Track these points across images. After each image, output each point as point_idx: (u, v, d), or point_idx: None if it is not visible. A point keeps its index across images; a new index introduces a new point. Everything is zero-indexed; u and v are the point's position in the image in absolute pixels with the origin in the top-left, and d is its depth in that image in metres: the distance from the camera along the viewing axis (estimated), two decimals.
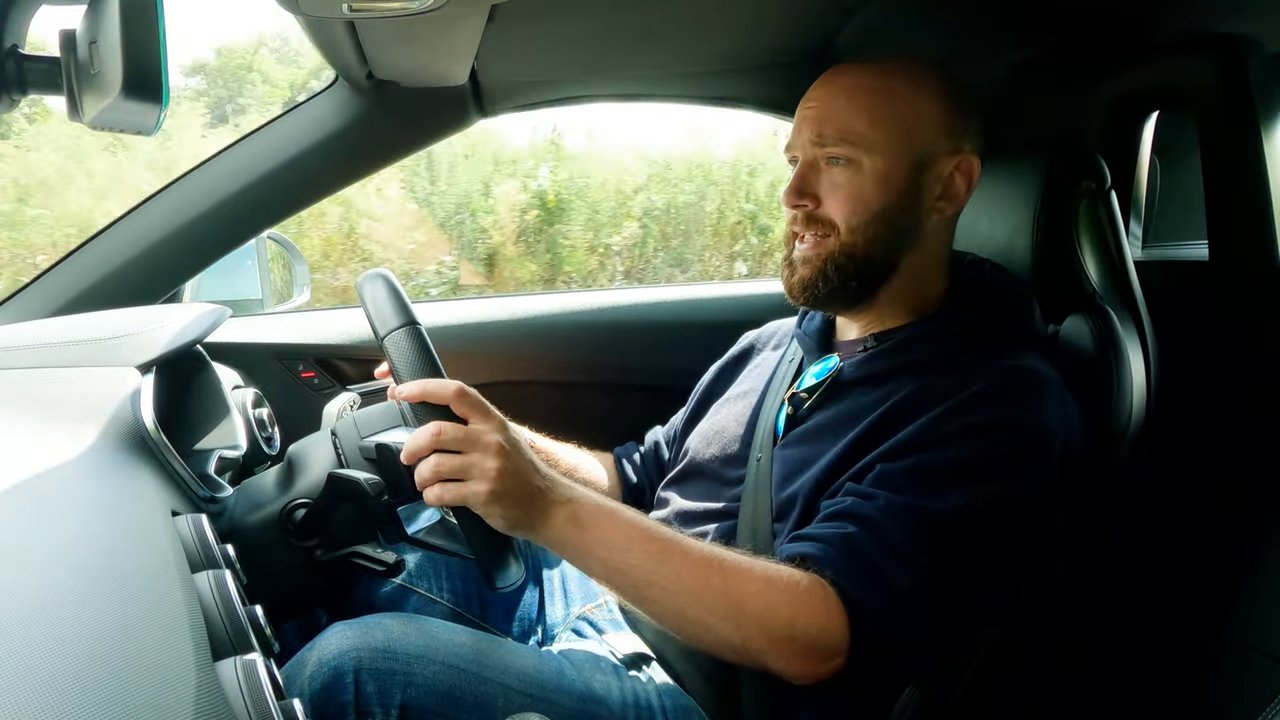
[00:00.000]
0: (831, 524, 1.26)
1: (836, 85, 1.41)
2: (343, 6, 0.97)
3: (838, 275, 1.40)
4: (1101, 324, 1.50)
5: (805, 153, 1.41)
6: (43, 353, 1.37)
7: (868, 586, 1.19)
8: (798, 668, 1.18)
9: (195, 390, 1.58)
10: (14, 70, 0.83)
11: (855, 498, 1.27)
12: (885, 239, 1.39)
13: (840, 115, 1.37)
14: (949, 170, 1.41)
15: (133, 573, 0.84)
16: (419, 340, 1.28)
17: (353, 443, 1.45)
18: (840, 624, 1.17)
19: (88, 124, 0.81)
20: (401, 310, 1.28)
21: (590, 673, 1.38)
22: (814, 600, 1.18)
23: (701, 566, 1.20)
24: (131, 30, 0.72)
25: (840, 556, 1.21)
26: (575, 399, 2.20)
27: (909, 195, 1.39)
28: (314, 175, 1.97)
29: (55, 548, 0.82)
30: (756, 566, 1.21)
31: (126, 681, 0.66)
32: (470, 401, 1.18)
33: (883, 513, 1.22)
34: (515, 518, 1.18)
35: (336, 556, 1.45)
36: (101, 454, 1.14)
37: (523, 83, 2.06)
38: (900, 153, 1.37)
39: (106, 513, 0.98)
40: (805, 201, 1.40)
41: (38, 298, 1.93)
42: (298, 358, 2.23)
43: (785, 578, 1.19)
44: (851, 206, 1.37)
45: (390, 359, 1.31)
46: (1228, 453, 1.63)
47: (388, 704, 1.21)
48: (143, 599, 0.80)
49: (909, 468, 1.27)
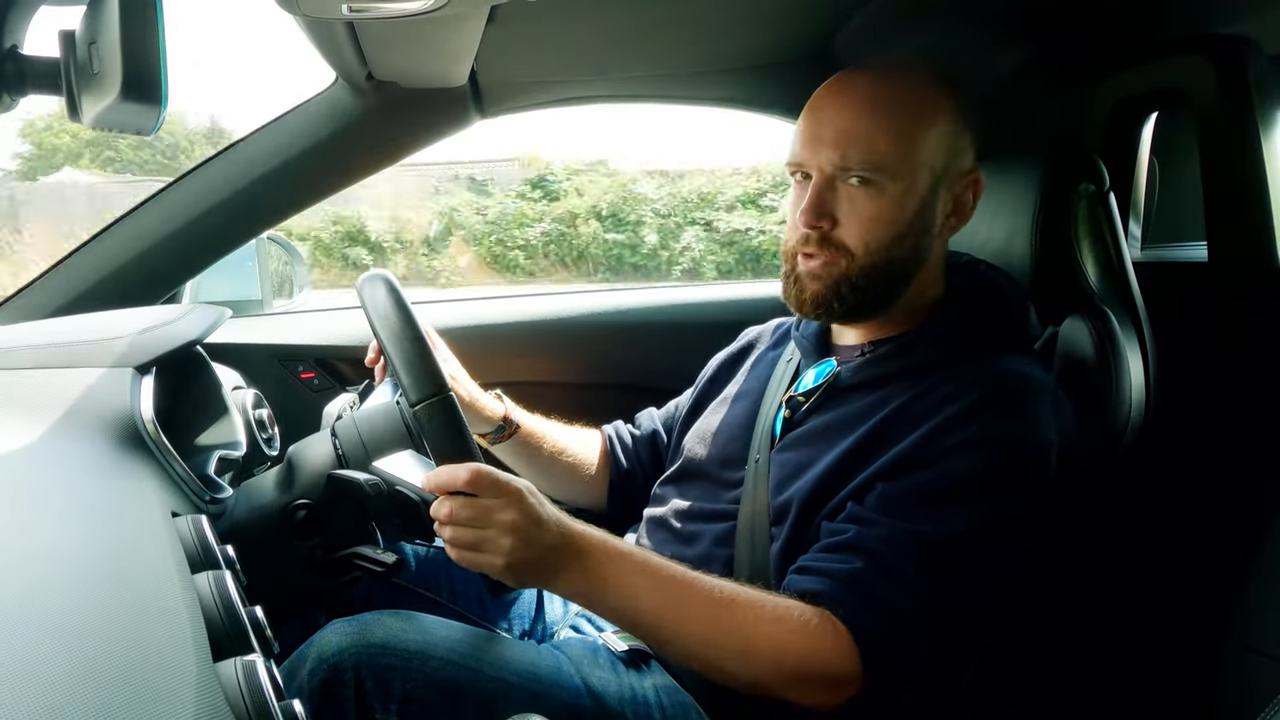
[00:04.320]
0: (837, 557, 1.27)
1: (856, 100, 1.37)
2: (342, 7, 0.97)
3: (853, 295, 1.39)
4: (1100, 325, 1.51)
5: (824, 170, 1.36)
6: (42, 353, 1.37)
7: (877, 621, 1.20)
8: (812, 700, 1.21)
9: (195, 391, 1.58)
10: (13, 70, 0.83)
11: (858, 526, 1.28)
12: (901, 259, 1.39)
13: (864, 136, 1.33)
14: (961, 189, 1.41)
15: (133, 573, 0.84)
16: (446, 414, 1.30)
17: (355, 445, 1.45)
18: (852, 658, 1.19)
19: (87, 124, 0.81)
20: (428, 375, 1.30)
21: (589, 669, 1.38)
22: (825, 638, 1.19)
23: (711, 608, 1.22)
24: (131, 31, 0.72)
25: (848, 594, 1.22)
26: (579, 398, 2.20)
27: (925, 216, 1.38)
28: (313, 176, 1.97)
29: (54, 548, 0.82)
30: (767, 605, 1.23)
31: (127, 682, 0.66)
32: (486, 482, 1.18)
33: (886, 543, 1.24)
34: (527, 581, 1.24)
35: (337, 557, 1.45)
36: (101, 455, 1.14)
37: (523, 84, 2.06)
38: (921, 175, 1.36)
39: (106, 514, 0.98)
40: (823, 224, 1.37)
41: (37, 298, 1.93)
42: (297, 358, 2.24)
43: (795, 617, 1.21)
44: (872, 230, 1.35)
45: (413, 430, 1.39)
46: (1226, 454, 1.62)
47: (388, 700, 1.22)
48: (143, 600, 0.80)
49: (909, 489, 1.28)
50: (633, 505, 1.77)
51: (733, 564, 1.43)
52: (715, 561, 1.43)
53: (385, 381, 1.61)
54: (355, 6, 0.97)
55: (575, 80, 2.10)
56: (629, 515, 1.74)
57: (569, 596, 1.27)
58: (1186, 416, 1.62)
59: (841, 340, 1.54)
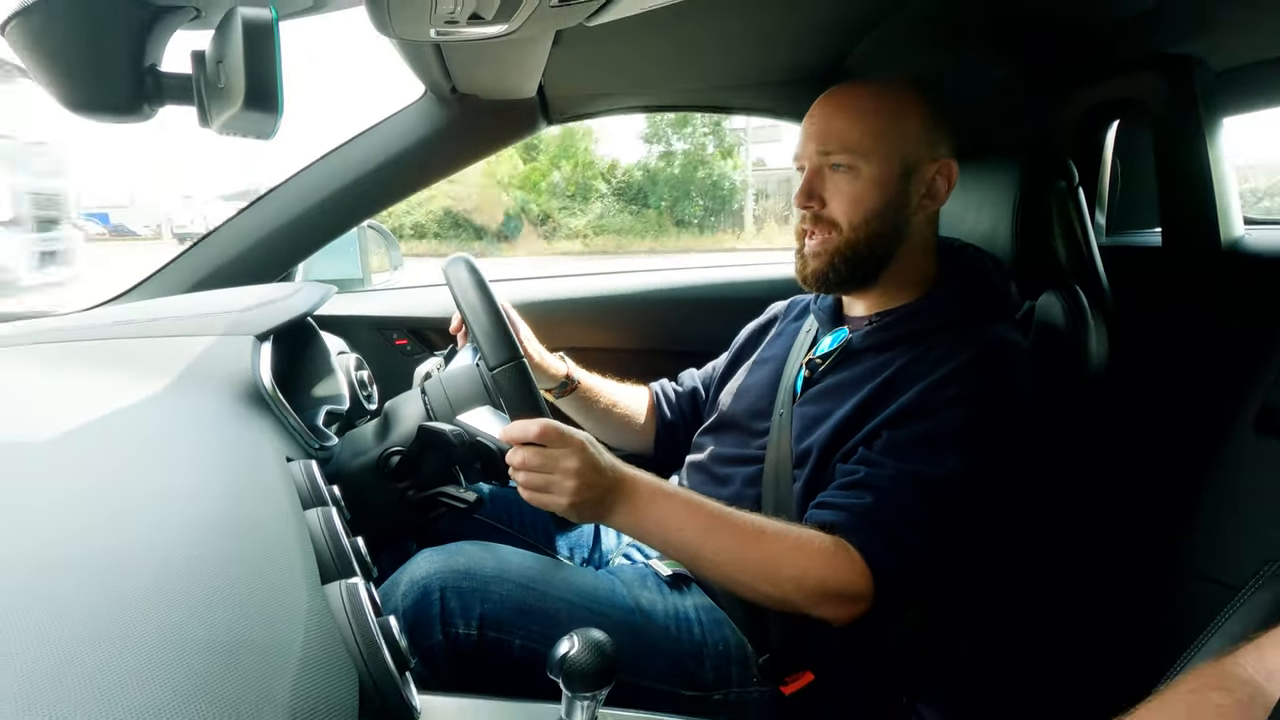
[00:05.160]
0: (850, 493, 1.29)
1: (836, 103, 1.43)
2: (430, 31, 0.97)
3: (845, 266, 1.43)
4: (1071, 299, 1.55)
5: (812, 161, 1.43)
6: (179, 324, 1.39)
7: (885, 547, 1.23)
8: (830, 614, 1.23)
9: (306, 355, 1.60)
10: (153, 85, 0.83)
11: (868, 467, 1.30)
12: (881, 233, 1.42)
13: (841, 129, 1.40)
14: (931, 174, 1.43)
15: (253, 509, 0.85)
16: (519, 377, 1.33)
17: (441, 401, 1.46)
18: (864, 578, 1.21)
19: (215, 131, 0.81)
20: (504, 343, 1.33)
21: (638, 590, 1.41)
22: (840, 561, 1.22)
23: (742, 538, 1.25)
24: (252, 50, 0.72)
25: (860, 524, 1.25)
26: (630, 361, 2.21)
27: (900, 196, 1.41)
28: (405, 174, 1.97)
29: (185, 493, 0.83)
30: (790, 534, 1.25)
31: (248, 603, 0.67)
32: (553, 434, 1.21)
33: (892, 481, 1.26)
34: (586, 517, 1.26)
35: (425, 496, 1.47)
36: (227, 409, 1.16)
37: (582, 95, 2.06)
38: (892, 161, 1.39)
39: (232, 458, 0.99)
40: (813, 203, 1.43)
41: (173, 276, 1.95)
42: (392, 328, 2.25)
43: (815, 544, 1.24)
44: (853, 207, 1.40)
45: (491, 390, 1.43)
46: (1176, 407, 1.66)
47: (469, 617, 1.25)
48: (262, 532, 0.81)
49: (911, 435, 1.30)
50: (676, 451, 1.78)
51: (760, 501, 1.44)
52: (745, 499, 1.44)
53: (466, 347, 1.62)
54: (441, 30, 0.96)
55: (627, 92, 2.09)
56: (673, 460, 1.74)
57: (622, 529, 1.28)
58: (1143, 373, 1.67)
59: (853, 312, 1.55)
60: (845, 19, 1.68)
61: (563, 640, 0.91)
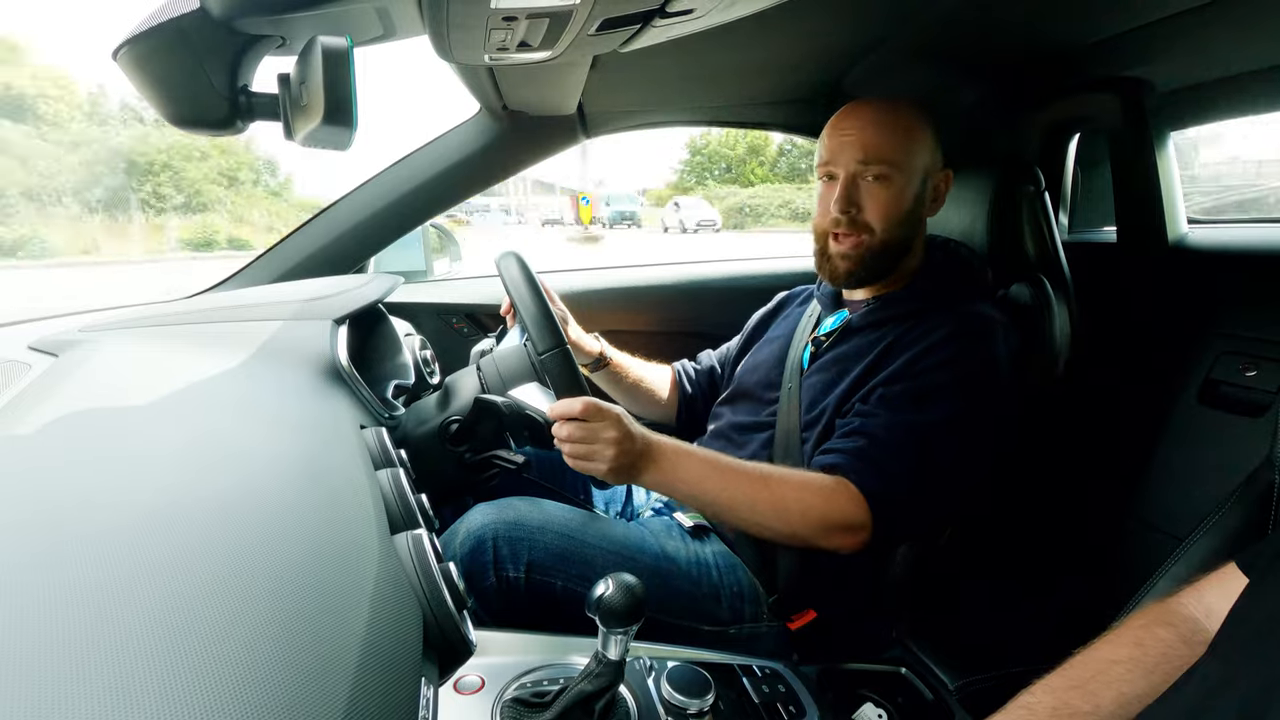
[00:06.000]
0: (848, 440, 1.30)
1: (869, 118, 1.40)
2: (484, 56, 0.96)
3: (875, 264, 1.44)
4: (1038, 288, 1.57)
5: (848, 169, 1.40)
6: (267, 309, 1.39)
7: (880, 482, 1.24)
8: (835, 544, 1.23)
9: (377, 336, 1.60)
10: (245, 103, 0.83)
11: (863, 418, 1.31)
12: (904, 234, 1.42)
13: (878, 143, 1.38)
14: (937, 181, 1.44)
15: (331, 470, 0.85)
16: (564, 361, 1.33)
17: (494, 376, 1.46)
18: (863, 510, 1.22)
19: (298, 143, 0.81)
20: (551, 330, 1.33)
21: (664, 540, 1.43)
22: (840, 496, 1.23)
23: (753, 483, 1.25)
24: (331, 73, 0.72)
25: (858, 463, 1.26)
26: (656, 342, 2.20)
27: (919, 201, 1.42)
28: (463, 180, 1.96)
29: (274, 452, 0.83)
30: (795, 477, 1.26)
31: (326, 550, 0.66)
32: (593, 410, 1.23)
33: (885, 429, 1.27)
34: (622, 479, 1.26)
35: (480, 458, 1.47)
36: (308, 383, 1.16)
37: (617, 112, 2.04)
38: (916, 171, 1.39)
39: (313, 425, 0.99)
40: (852, 209, 1.40)
41: (263, 268, 1.95)
42: (452, 313, 2.25)
43: (818, 483, 1.25)
44: (888, 212, 1.40)
45: (538, 370, 1.43)
46: (1130, 381, 1.70)
47: (517, 562, 1.27)
48: (338, 489, 0.80)
49: (900, 391, 1.31)
50: (696, 421, 1.78)
51: (772, 461, 1.43)
52: (759, 459, 1.43)
53: (514, 328, 1.61)
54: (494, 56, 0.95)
55: (655, 110, 2.07)
56: (694, 429, 1.74)
57: (651, 487, 1.28)
58: (1101, 352, 1.72)
59: (852, 296, 1.55)
60: (843, 46, 1.67)
61: (599, 583, 0.91)
